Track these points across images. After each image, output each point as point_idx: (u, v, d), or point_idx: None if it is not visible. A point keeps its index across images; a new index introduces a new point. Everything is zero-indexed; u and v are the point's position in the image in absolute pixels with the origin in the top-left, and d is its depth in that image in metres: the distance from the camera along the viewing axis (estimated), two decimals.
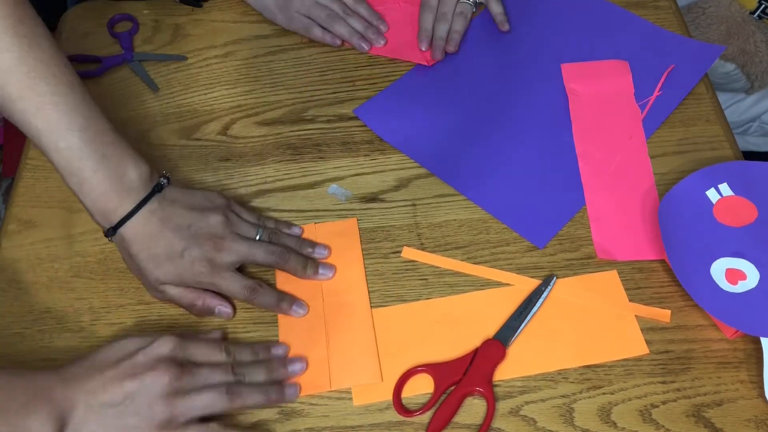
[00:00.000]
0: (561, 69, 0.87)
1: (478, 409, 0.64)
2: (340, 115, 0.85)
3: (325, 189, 0.79)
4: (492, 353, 0.66)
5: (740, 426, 0.63)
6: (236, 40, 0.93)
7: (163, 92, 0.88)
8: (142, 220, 0.65)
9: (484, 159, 0.80)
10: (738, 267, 0.68)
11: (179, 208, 0.67)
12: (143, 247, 0.65)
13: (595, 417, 0.64)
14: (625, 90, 0.85)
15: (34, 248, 0.76)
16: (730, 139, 0.81)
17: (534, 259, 0.73)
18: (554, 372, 0.66)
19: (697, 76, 0.86)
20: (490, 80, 0.87)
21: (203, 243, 0.66)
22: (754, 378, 0.65)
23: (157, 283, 0.66)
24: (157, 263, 0.66)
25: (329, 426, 0.64)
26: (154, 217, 0.65)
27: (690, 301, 0.68)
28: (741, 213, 0.72)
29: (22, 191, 0.80)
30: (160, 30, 0.94)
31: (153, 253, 0.65)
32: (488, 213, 0.76)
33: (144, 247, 0.65)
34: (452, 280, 0.72)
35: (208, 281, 0.67)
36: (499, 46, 0.91)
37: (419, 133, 0.83)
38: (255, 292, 0.68)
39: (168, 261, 0.65)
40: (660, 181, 0.78)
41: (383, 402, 0.65)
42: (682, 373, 0.66)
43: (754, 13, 1.41)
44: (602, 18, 0.92)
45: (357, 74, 0.89)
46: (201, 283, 0.67)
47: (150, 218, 0.65)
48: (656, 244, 0.73)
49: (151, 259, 0.66)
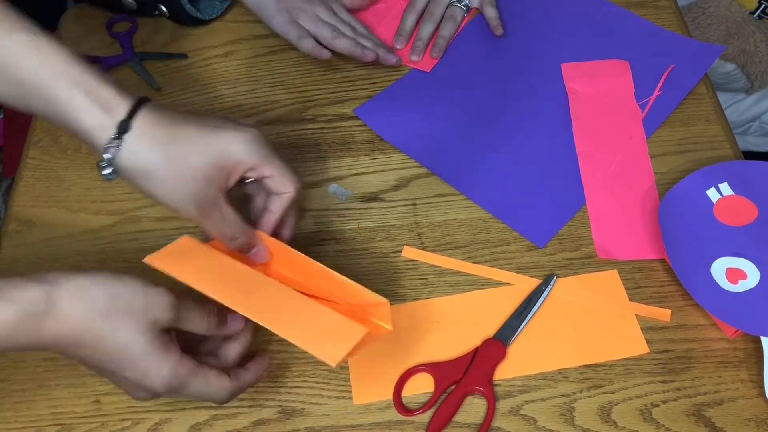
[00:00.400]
0: (561, 69, 0.87)
1: (478, 409, 0.64)
2: (340, 114, 0.85)
3: (326, 188, 0.79)
4: (492, 353, 0.66)
5: (740, 425, 0.63)
6: (236, 39, 0.93)
7: (163, 92, 0.88)
8: (152, 110, 0.58)
9: (485, 158, 0.80)
10: (738, 266, 0.68)
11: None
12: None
13: (596, 416, 0.64)
14: (625, 90, 0.85)
15: (34, 248, 0.76)
16: (730, 139, 0.81)
17: (534, 259, 0.73)
18: (554, 371, 0.66)
19: (698, 75, 0.86)
20: (490, 80, 0.87)
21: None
22: (755, 377, 0.65)
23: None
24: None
25: (329, 425, 0.64)
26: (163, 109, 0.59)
27: (690, 301, 0.68)
28: (741, 212, 0.72)
29: (22, 191, 0.80)
30: (160, 30, 0.94)
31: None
32: (488, 212, 0.76)
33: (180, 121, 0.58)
34: (452, 279, 0.72)
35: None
36: (499, 46, 0.91)
37: (419, 132, 0.83)
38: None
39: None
40: (660, 180, 0.78)
41: (383, 401, 0.65)
42: (682, 373, 0.66)
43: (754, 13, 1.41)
44: (602, 18, 0.92)
45: (357, 74, 0.89)
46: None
47: (159, 110, 0.58)
48: (656, 243, 0.73)
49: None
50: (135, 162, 0.56)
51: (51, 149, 0.83)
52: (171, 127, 0.57)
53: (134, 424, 0.65)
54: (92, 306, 0.53)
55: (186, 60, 0.91)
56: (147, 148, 0.56)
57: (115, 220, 0.77)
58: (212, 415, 0.65)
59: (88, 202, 0.79)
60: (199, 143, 0.58)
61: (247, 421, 0.64)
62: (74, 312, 0.52)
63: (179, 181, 0.57)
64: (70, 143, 0.83)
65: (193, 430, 0.64)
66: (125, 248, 0.75)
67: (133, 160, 0.56)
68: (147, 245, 0.75)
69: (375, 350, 0.67)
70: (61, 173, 0.81)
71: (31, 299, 0.51)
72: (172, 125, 0.57)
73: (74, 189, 0.80)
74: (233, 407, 0.65)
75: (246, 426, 0.64)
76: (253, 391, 0.65)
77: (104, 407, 0.66)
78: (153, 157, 0.57)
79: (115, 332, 0.53)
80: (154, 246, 0.74)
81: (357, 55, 0.85)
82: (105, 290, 0.53)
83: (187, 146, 0.57)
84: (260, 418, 0.64)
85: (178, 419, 0.65)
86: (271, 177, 0.61)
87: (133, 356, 0.54)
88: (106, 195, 0.79)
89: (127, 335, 0.53)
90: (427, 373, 0.66)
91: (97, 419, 0.65)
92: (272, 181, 0.61)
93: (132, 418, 0.65)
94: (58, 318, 0.52)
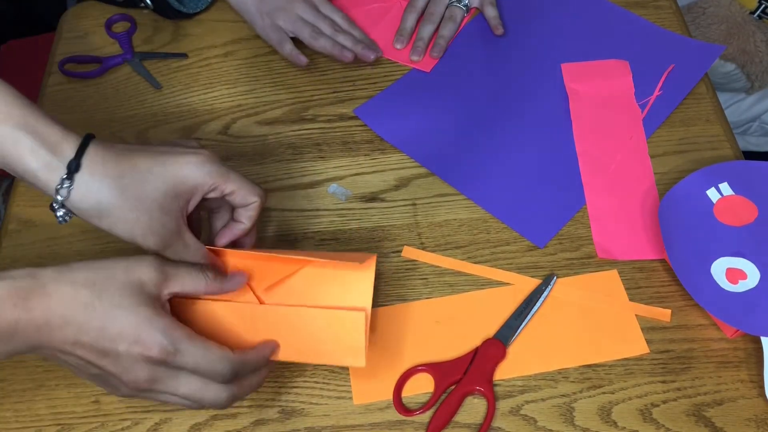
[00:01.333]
0: (561, 69, 0.87)
1: (478, 409, 0.64)
2: (340, 114, 0.85)
3: (326, 188, 0.79)
4: (492, 352, 0.66)
5: (740, 425, 0.63)
6: (236, 39, 0.93)
7: (163, 92, 0.88)
8: (100, 145, 0.57)
9: (485, 158, 0.80)
10: (738, 266, 0.68)
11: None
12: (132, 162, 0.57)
13: (596, 416, 0.64)
14: (625, 90, 0.85)
15: (34, 248, 0.76)
16: (730, 139, 0.81)
17: (534, 259, 0.73)
18: (554, 371, 0.66)
19: (698, 75, 0.86)
20: (490, 80, 0.87)
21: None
22: (755, 377, 0.65)
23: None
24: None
25: (329, 425, 0.64)
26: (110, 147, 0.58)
27: (690, 301, 0.68)
28: (741, 212, 0.72)
29: (22, 191, 0.80)
30: (160, 30, 0.94)
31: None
32: (488, 212, 0.76)
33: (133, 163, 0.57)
34: (452, 279, 0.72)
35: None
36: (499, 46, 0.91)
37: (419, 132, 0.83)
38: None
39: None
40: (660, 180, 0.78)
41: (383, 401, 0.65)
42: (682, 373, 0.66)
43: (754, 13, 1.41)
44: (602, 18, 0.92)
45: (357, 74, 0.89)
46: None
47: (106, 145, 0.57)
48: (656, 243, 0.73)
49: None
50: (89, 201, 0.55)
51: None
52: (121, 161, 0.56)
53: (134, 424, 0.65)
54: (76, 277, 0.53)
55: (186, 60, 0.91)
56: (99, 185, 0.55)
57: None
58: (212, 415, 0.65)
59: None
60: (153, 173, 0.57)
61: (247, 421, 0.64)
62: (58, 285, 0.52)
63: (136, 214, 0.56)
64: None
65: (193, 430, 0.64)
66: (125, 248, 0.75)
67: (87, 199, 0.55)
68: None
69: (375, 350, 0.67)
70: None
71: (16, 275, 0.51)
72: (122, 159, 0.57)
73: None
74: (233, 407, 0.65)
75: (246, 426, 0.64)
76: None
77: (104, 407, 0.65)
78: (107, 194, 0.56)
79: (101, 298, 0.52)
80: None
81: (336, 55, 0.86)
82: (87, 265, 0.54)
83: (140, 178, 0.56)
84: (260, 418, 0.64)
85: (178, 419, 0.65)
86: (233, 192, 0.60)
87: (122, 322, 0.52)
88: None
89: (113, 299, 0.52)
90: (427, 373, 0.66)
91: (97, 419, 0.65)
92: (236, 195, 0.61)
93: (132, 418, 0.65)
94: (44, 292, 0.51)
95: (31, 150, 0.55)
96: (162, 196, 0.57)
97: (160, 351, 0.53)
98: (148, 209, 0.56)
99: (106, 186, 0.55)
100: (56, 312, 0.51)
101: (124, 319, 0.52)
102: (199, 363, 0.54)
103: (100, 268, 0.54)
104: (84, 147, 0.55)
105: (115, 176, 0.56)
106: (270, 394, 0.66)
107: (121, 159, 0.56)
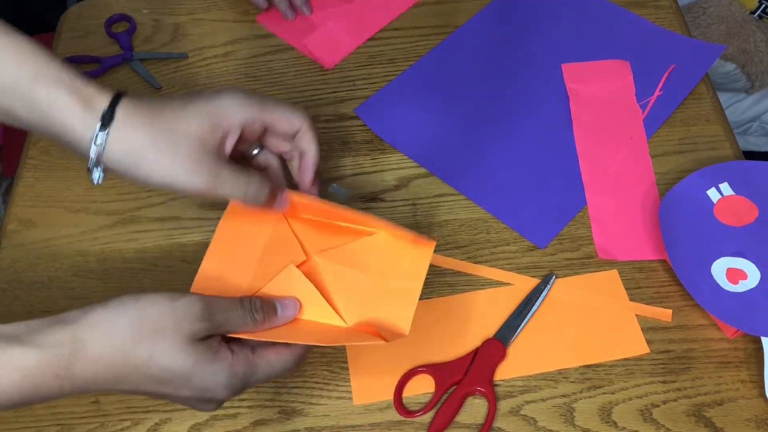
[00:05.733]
0: (562, 69, 0.87)
1: (479, 409, 0.64)
2: (340, 114, 0.85)
3: (326, 188, 0.79)
4: (492, 353, 0.66)
5: (741, 425, 0.63)
6: (236, 39, 0.93)
7: (163, 92, 0.88)
8: (132, 98, 0.56)
9: (485, 158, 0.80)
10: (739, 266, 0.68)
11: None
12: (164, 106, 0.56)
13: (596, 417, 0.64)
14: (626, 90, 0.85)
15: (34, 248, 0.76)
16: (730, 139, 0.81)
17: (534, 259, 0.73)
18: (555, 371, 0.66)
19: (698, 75, 0.86)
20: (490, 80, 0.87)
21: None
22: (755, 377, 0.65)
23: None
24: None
25: (329, 425, 0.64)
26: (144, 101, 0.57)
27: (690, 301, 0.68)
28: (741, 212, 0.72)
29: (22, 191, 0.80)
30: (160, 29, 0.94)
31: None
32: (488, 212, 0.76)
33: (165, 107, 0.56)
34: (452, 279, 0.72)
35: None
36: (500, 46, 0.90)
37: (419, 132, 0.83)
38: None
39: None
40: (661, 180, 0.78)
41: (383, 401, 0.65)
42: (682, 373, 0.66)
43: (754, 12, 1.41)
44: (603, 18, 0.92)
45: (357, 74, 0.89)
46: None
47: (138, 97, 0.57)
48: (657, 243, 0.73)
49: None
50: (124, 149, 0.55)
51: (51, 149, 0.83)
52: (153, 106, 0.56)
53: (134, 424, 0.65)
54: (121, 337, 0.49)
55: (186, 60, 0.91)
56: (133, 131, 0.55)
57: (115, 220, 0.77)
58: (212, 415, 0.65)
59: (88, 202, 0.78)
60: (186, 110, 0.56)
61: (247, 421, 0.64)
62: (104, 348, 0.48)
63: (173, 155, 0.55)
64: None
65: (193, 430, 0.64)
66: (125, 248, 0.75)
67: (122, 148, 0.55)
68: (147, 245, 0.75)
69: (375, 350, 0.67)
70: (61, 173, 0.81)
71: (54, 342, 0.47)
72: (154, 105, 0.56)
73: (74, 189, 0.80)
74: (233, 407, 0.65)
75: (246, 426, 0.64)
76: (253, 391, 0.65)
77: (103, 407, 0.65)
78: (142, 139, 0.55)
79: (152, 357, 0.49)
80: (154, 246, 0.75)
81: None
82: (130, 317, 0.49)
83: (174, 116, 0.55)
84: (260, 418, 0.64)
85: (177, 419, 0.65)
86: (275, 121, 0.59)
87: (182, 375, 0.50)
88: (106, 195, 0.79)
89: (166, 356, 0.49)
90: (427, 374, 0.66)
91: (97, 419, 0.65)
92: (279, 123, 0.59)
93: (131, 418, 0.65)
94: (88, 358, 0.48)
95: (67, 106, 0.54)
96: (198, 131, 0.56)
97: (228, 393, 0.52)
98: (185, 147, 0.55)
99: (140, 131, 0.55)
100: (105, 377, 0.49)
101: (183, 372, 0.50)
102: (268, 376, 0.54)
103: (146, 320, 0.49)
104: (117, 100, 0.55)
105: (148, 121, 0.55)
106: (270, 394, 0.66)
107: (153, 105, 0.56)
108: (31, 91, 0.55)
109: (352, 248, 0.61)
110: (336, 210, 0.62)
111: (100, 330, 0.49)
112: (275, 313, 0.56)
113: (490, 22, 0.92)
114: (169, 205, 0.78)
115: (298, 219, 0.63)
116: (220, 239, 0.61)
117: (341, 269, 0.60)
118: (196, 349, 0.50)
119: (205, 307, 0.51)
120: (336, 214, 0.62)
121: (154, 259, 0.74)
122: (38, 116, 0.55)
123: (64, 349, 0.48)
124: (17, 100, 0.55)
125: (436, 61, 0.89)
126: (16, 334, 0.48)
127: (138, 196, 0.78)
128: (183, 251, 0.74)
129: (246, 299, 0.54)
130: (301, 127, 0.61)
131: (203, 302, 0.51)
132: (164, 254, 0.74)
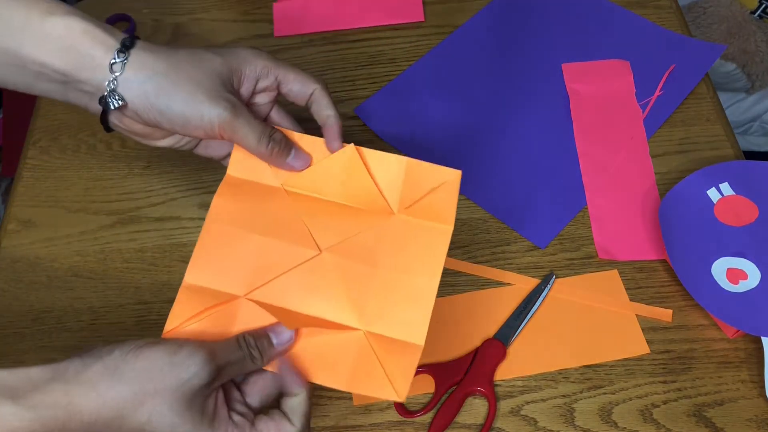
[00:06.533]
0: (562, 69, 0.87)
1: (479, 409, 0.64)
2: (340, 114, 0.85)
3: None
4: (493, 353, 0.66)
5: (741, 425, 0.63)
6: (236, 39, 0.93)
7: None
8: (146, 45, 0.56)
9: (485, 158, 0.80)
10: (739, 266, 0.68)
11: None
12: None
13: (596, 417, 0.64)
14: (626, 90, 0.85)
15: (34, 248, 0.75)
16: (731, 139, 0.81)
17: (534, 259, 0.73)
18: (555, 372, 0.66)
19: (698, 75, 0.86)
20: (490, 80, 0.87)
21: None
22: (755, 377, 0.65)
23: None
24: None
25: (329, 426, 0.64)
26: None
27: (691, 301, 0.68)
28: (742, 212, 0.72)
29: (22, 191, 0.80)
30: (160, 29, 0.94)
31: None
32: (488, 212, 0.76)
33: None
34: (452, 279, 0.72)
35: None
36: (500, 46, 0.90)
37: (419, 132, 0.83)
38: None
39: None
40: (661, 180, 0.78)
41: (383, 402, 0.65)
42: (683, 373, 0.66)
43: (754, 12, 1.41)
44: (603, 18, 0.92)
45: (357, 74, 0.89)
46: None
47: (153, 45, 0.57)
48: (657, 243, 0.73)
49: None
50: (143, 74, 0.54)
51: (50, 149, 0.83)
52: (171, 47, 0.57)
53: None
54: (120, 400, 0.47)
55: None
56: (153, 57, 0.55)
57: (115, 220, 0.77)
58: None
59: (88, 202, 0.78)
60: (205, 52, 0.57)
61: None
62: (100, 412, 0.47)
63: (196, 83, 0.54)
64: (70, 143, 0.83)
65: None
66: (125, 248, 0.75)
67: (141, 73, 0.54)
68: (147, 245, 0.75)
69: None
70: (61, 173, 0.81)
71: (50, 403, 0.45)
72: (170, 46, 0.57)
73: (74, 189, 0.80)
74: None
75: None
76: None
77: None
78: (162, 64, 0.55)
79: (151, 422, 0.48)
80: (154, 246, 0.75)
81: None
82: (130, 380, 0.47)
83: (192, 55, 0.56)
84: None
85: None
86: (289, 79, 0.59)
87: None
88: (105, 195, 0.79)
89: (165, 420, 0.48)
90: (428, 374, 0.66)
91: None
92: (293, 83, 0.59)
93: None
94: (83, 422, 0.46)
95: (85, 31, 0.55)
96: (218, 69, 0.56)
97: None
98: (207, 79, 0.55)
99: (162, 57, 0.55)
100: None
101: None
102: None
103: (144, 380, 0.48)
104: (135, 38, 0.56)
105: (170, 52, 0.56)
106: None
107: (170, 46, 0.57)
108: (44, 25, 0.54)
109: (363, 239, 0.58)
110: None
111: (97, 392, 0.47)
112: (271, 344, 0.54)
113: (490, 22, 0.92)
114: (169, 205, 0.78)
115: (301, 200, 0.59)
116: (210, 230, 0.58)
117: (353, 266, 0.57)
118: (197, 411, 0.49)
119: (206, 357, 0.49)
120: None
121: (154, 259, 0.74)
122: (51, 49, 0.54)
123: (59, 411, 0.46)
124: (28, 38, 0.54)
125: (436, 61, 0.89)
126: (13, 387, 0.46)
127: (138, 196, 0.78)
128: (183, 251, 0.74)
129: (241, 338, 0.53)
130: (315, 91, 0.60)
131: (203, 352, 0.49)
132: (164, 254, 0.74)
